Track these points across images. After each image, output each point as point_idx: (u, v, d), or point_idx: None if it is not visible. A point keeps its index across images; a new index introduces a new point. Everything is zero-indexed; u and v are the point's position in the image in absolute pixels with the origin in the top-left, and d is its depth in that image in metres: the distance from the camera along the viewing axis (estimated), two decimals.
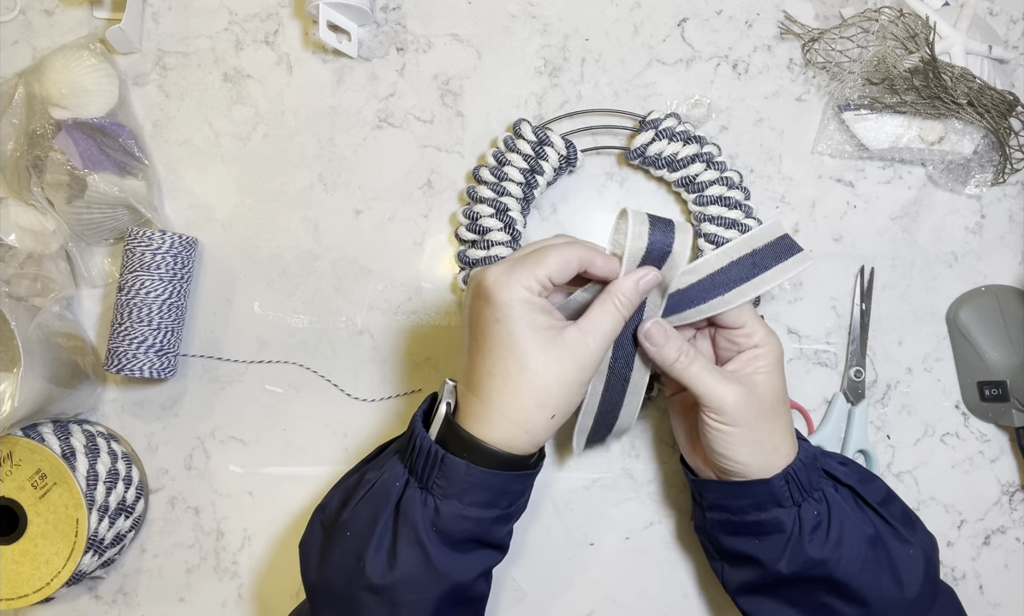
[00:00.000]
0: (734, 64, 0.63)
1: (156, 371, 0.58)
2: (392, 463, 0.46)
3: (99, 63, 0.60)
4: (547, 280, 0.44)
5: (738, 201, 0.59)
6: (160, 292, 0.58)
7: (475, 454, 0.44)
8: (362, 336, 0.63)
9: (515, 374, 0.43)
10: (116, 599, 0.62)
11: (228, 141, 0.64)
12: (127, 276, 0.58)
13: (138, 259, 0.58)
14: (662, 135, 0.59)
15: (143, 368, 0.58)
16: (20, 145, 0.59)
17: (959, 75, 0.57)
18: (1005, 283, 0.62)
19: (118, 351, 0.58)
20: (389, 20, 0.64)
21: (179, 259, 0.59)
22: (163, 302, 0.58)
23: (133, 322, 0.58)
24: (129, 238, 0.59)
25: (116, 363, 0.58)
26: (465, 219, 0.60)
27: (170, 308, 0.59)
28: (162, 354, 0.59)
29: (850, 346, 0.61)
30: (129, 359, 0.58)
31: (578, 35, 0.64)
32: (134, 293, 0.58)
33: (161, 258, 0.58)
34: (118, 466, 0.59)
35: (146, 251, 0.58)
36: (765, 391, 0.47)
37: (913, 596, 0.48)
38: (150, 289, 0.58)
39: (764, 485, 0.47)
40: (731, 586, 0.52)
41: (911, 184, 0.63)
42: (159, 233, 0.58)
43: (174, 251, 0.59)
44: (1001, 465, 0.61)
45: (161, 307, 0.58)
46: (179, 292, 0.59)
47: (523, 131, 0.60)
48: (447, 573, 0.44)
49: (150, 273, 0.58)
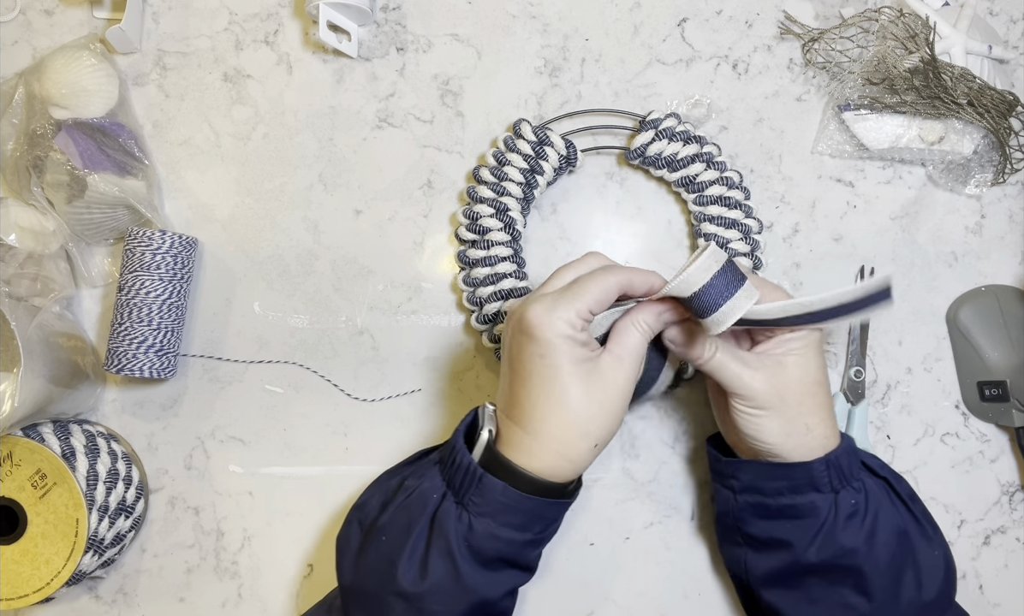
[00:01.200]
0: (734, 64, 0.63)
1: (156, 371, 0.58)
2: (432, 474, 0.47)
3: (99, 63, 0.60)
4: (588, 313, 0.45)
5: (738, 201, 0.59)
6: (160, 292, 0.58)
7: (515, 479, 0.45)
8: (362, 336, 0.63)
9: (559, 407, 0.44)
10: (116, 599, 0.62)
11: (228, 141, 0.64)
12: (127, 276, 0.58)
13: (138, 259, 0.58)
14: (662, 135, 0.59)
15: (143, 368, 0.58)
16: (20, 145, 0.59)
17: (959, 75, 0.57)
18: (1005, 283, 0.62)
19: (118, 351, 0.58)
20: (389, 20, 0.64)
21: (179, 259, 0.59)
22: (163, 302, 0.58)
23: (133, 322, 0.58)
24: (129, 238, 0.59)
25: (116, 363, 0.58)
26: (465, 219, 0.60)
27: (170, 308, 0.59)
28: (162, 354, 0.59)
29: (850, 346, 0.61)
30: (129, 359, 0.58)
31: (578, 35, 0.64)
32: (134, 293, 0.58)
33: (161, 258, 0.58)
34: (118, 466, 0.59)
35: (146, 251, 0.58)
36: (795, 373, 0.47)
37: (930, 599, 0.48)
38: (150, 289, 0.58)
39: (804, 469, 0.47)
40: (755, 574, 0.52)
41: (911, 184, 0.63)
42: (159, 233, 0.58)
43: (174, 251, 0.59)
44: (1001, 465, 0.61)
45: (161, 307, 0.58)
46: (179, 292, 0.59)
47: (523, 131, 0.60)
48: (475, 588, 0.45)
49: (150, 273, 0.58)
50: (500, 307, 0.58)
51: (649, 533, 0.61)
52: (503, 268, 0.59)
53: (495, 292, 0.58)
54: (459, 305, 0.62)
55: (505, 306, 0.58)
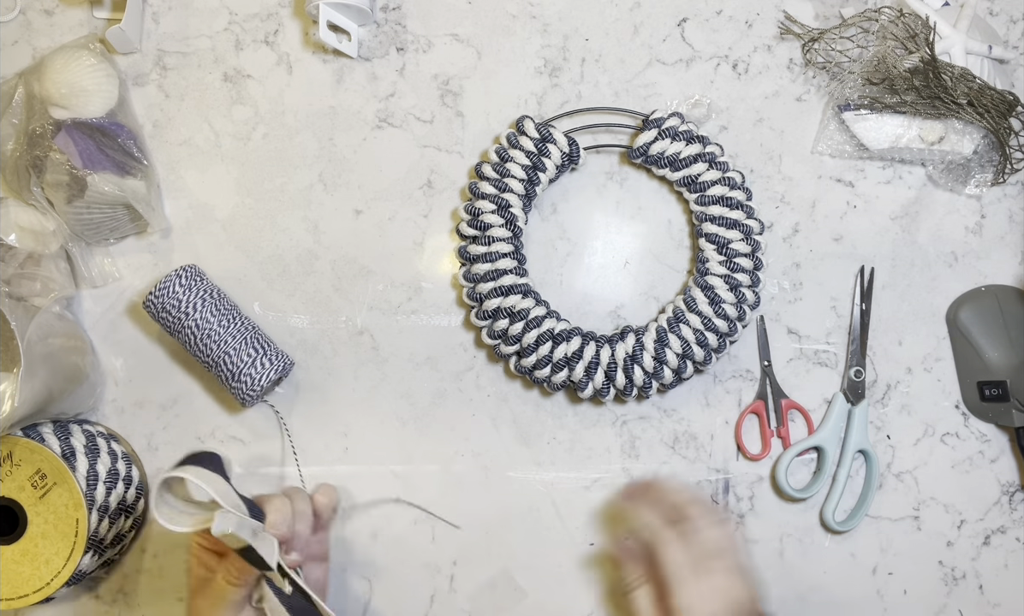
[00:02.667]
0: (734, 64, 0.63)
1: (278, 369, 0.59)
2: None
3: (99, 63, 0.60)
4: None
5: (740, 202, 0.59)
6: (212, 316, 0.58)
7: None
8: (362, 336, 0.63)
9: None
10: (116, 599, 0.62)
11: (228, 141, 0.64)
12: (181, 332, 0.58)
13: (173, 311, 0.58)
14: (665, 134, 0.59)
15: (265, 375, 0.58)
16: (20, 145, 0.59)
17: (959, 75, 0.57)
18: (1005, 283, 0.62)
19: (239, 384, 0.58)
20: (389, 20, 0.64)
21: (194, 283, 0.59)
22: (221, 319, 0.58)
23: (222, 353, 0.58)
24: (147, 305, 0.58)
25: (247, 393, 0.58)
26: (467, 215, 0.60)
27: (231, 318, 0.59)
28: (266, 353, 0.59)
29: (850, 346, 0.61)
30: (254, 381, 0.58)
31: (578, 35, 0.64)
32: (201, 334, 0.58)
33: (183, 294, 0.58)
34: (118, 466, 0.59)
35: (170, 300, 0.58)
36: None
37: None
38: (203, 324, 0.58)
39: None
40: None
41: (911, 184, 0.63)
42: (165, 281, 0.58)
43: (186, 282, 0.58)
44: (1001, 465, 0.61)
45: (223, 323, 0.58)
46: (221, 300, 0.59)
47: (526, 128, 0.60)
48: None
49: (189, 312, 0.58)
50: (500, 303, 0.58)
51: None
52: (503, 264, 0.59)
53: (495, 288, 0.58)
54: (459, 302, 0.62)
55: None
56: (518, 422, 0.62)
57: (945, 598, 0.61)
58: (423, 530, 0.61)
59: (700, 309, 0.58)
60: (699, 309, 0.58)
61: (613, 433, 0.62)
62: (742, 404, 0.62)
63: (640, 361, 0.58)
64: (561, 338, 0.58)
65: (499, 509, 0.61)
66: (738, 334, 0.59)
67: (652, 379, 0.58)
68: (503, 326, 0.58)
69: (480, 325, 0.60)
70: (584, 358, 0.58)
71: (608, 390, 0.58)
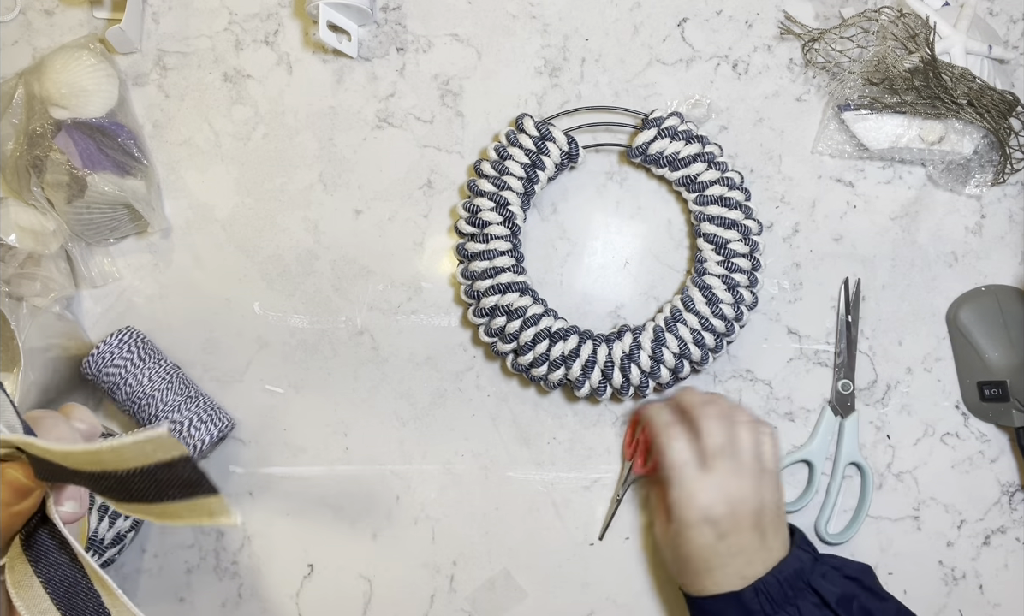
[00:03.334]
0: (734, 64, 0.63)
1: (217, 432, 0.59)
2: None
3: (99, 63, 0.60)
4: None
5: (738, 202, 0.59)
6: (147, 380, 0.58)
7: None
8: (362, 336, 0.63)
9: None
10: None
11: (228, 141, 0.64)
12: (121, 400, 0.58)
13: (108, 379, 0.58)
14: (664, 133, 0.59)
15: (204, 440, 0.58)
16: (20, 145, 0.59)
17: (959, 75, 0.57)
18: (1005, 283, 0.62)
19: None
20: (389, 20, 0.64)
21: (129, 348, 0.59)
22: (158, 382, 0.58)
23: (159, 419, 0.58)
24: (84, 372, 0.58)
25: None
26: (465, 212, 0.60)
27: (169, 382, 0.59)
28: (206, 417, 0.59)
29: (837, 358, 0.61)
30: (190, 443, 0.57)
31: (578, 35, 0.64)
32: (137, 400, 0.58)
33: (118, 361, 0.58)
34: None
35: (103, 370, 0.58)
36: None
37: None
38: (137, 388, 0.58)
39: (733, 598, 0.48)
40: None
41: (911, 184, 0.63)
42: (94, 352, 0.58)
43: (119, 347, 0.58)
44: (1001, 465, 0.61)
45: (161, 388, 0.58)
46: (161, 365, 0.59)
47: (526, 126, 0.60)
48: None
49: (124, 378, 0.58)
50: (497, 301, 0.58)
51: (649, 533, 0.61)
52: (501, 262, 0.59)
53: (493, 286, 0.58)
54: (457, 299, 0.62)
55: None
56: (518, 422, 0.62)
57: (945, 598, 0.61)
58: (423, 530, 0.61)
59: (697, 309, 0.58)
60: (696, 309, 0.58)
61: (613, 433, 0.62)
62: (742, 404, 0.62)
63: (637, 360, 0.58)
64: (558, 336, 0.58)
65: (499, 509, 0.61)
66: (735, 334, 0.59)
67: (649, 378, 0.58)
68: (500, 324, 0.58)
69: (477, 323, 0.60)
70: (581, 357, 0.58)
71: (605, 389, 0.58)
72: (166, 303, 0.63)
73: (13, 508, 0.33)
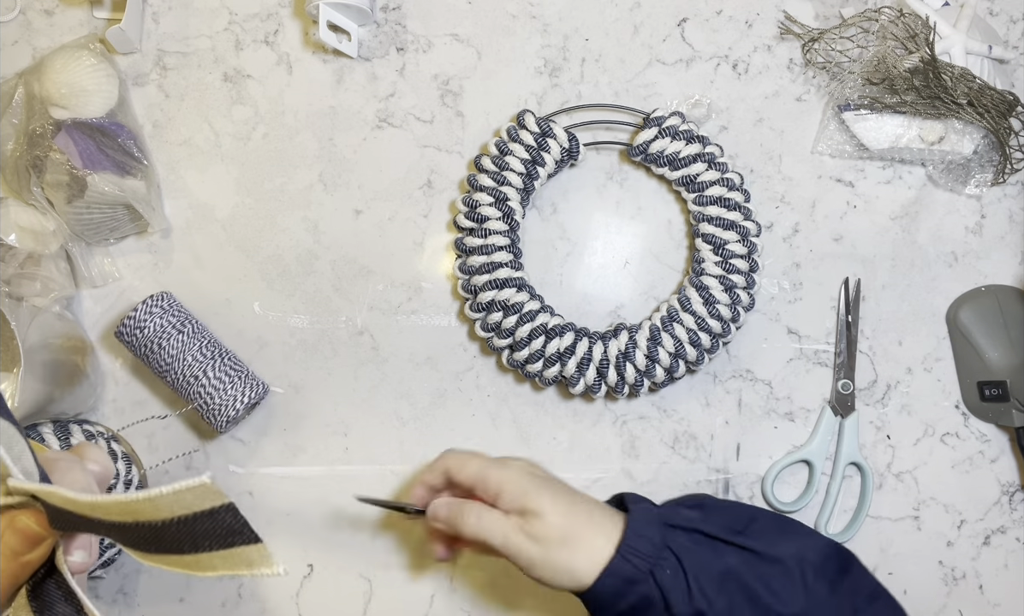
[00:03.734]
0: (734, 64, 0.63)
1: (254, 394, 0.59)
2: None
3: (99, 63, 0.60)
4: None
5: (737, 203, 0.59)
6: (185, 342, 0.58)
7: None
8: (362, 336, 0.63)
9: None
10: (116, 599, 0.62)
11: (228, 141, 0.64)
12: (156, 361, 0.58)
13: (146, 339, 0.58)
14: (665, 133, 0.59)
15: (241, 401, 0.58)
16: (20, 145, 0.59)
17: (959, 75, 0.57)
18: (1005, 283, 0.62)
19: (212, 410, 0.58)
20: (389, 20, 0.64)
21: (170, 312, 0.59)
22: (198, 347, 0.59)
23: (199, 379, 0.58)
24: (119, 334, 0.58)
25: (222, 419, 0.58)
26: (464, 207, 0.60)
27: (208, 346, 0.59)
28: (244, 379, 0.59)
29: (837, 358, 0.61)
30: (228, 407, 0.58)
31: (578, 35, 0.64)
32: (175, 359, 0.58)
33: (156, 322, 0.58)
34: (118, 466, 0.59)
35: (142, 329, 0.58)
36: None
37: (797, 610, 0.46)
38: (179, 349, 0.58)
39: (609, 575, 0.46)
40: None
41: (911, 184, 0.63)
42: (133, 313, 0.58)
43: (161, 308, 0.59)
44: (1001, 465, 0.61)
45: (200, 352, 0.59)
46: (197, 329, 0.60)
47: (527, 122, 0.60)
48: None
49: (165, 339, 0.58)
50: (494, 296, 0.58)
51: None
52: (499, 257, 0.59)
53: (490, 281, 0.58)
54: (456, 298, 0.62)
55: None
56: (518, 422, 0.62)
57: (945, 598, 0.61)
58: (423, 530, 0.61)
59: (694, 309, 0.58)
60: (693, 309, 0.58)
61: (613, 433, 0.62)
62: (742, 404, 0.62)
63: (632, 359, 0.58)
64: (554, 333, 0.58)
65: None
66: (731, 335, 0.59)
67: (644, 377, 0.58)
68: (497, 319, 0.58)
69: (474, 318, 0.60)
70: (576, 354, 0.58)
71: (600, 387, 0.58)
72: None
73: (23, 557, 0.32)
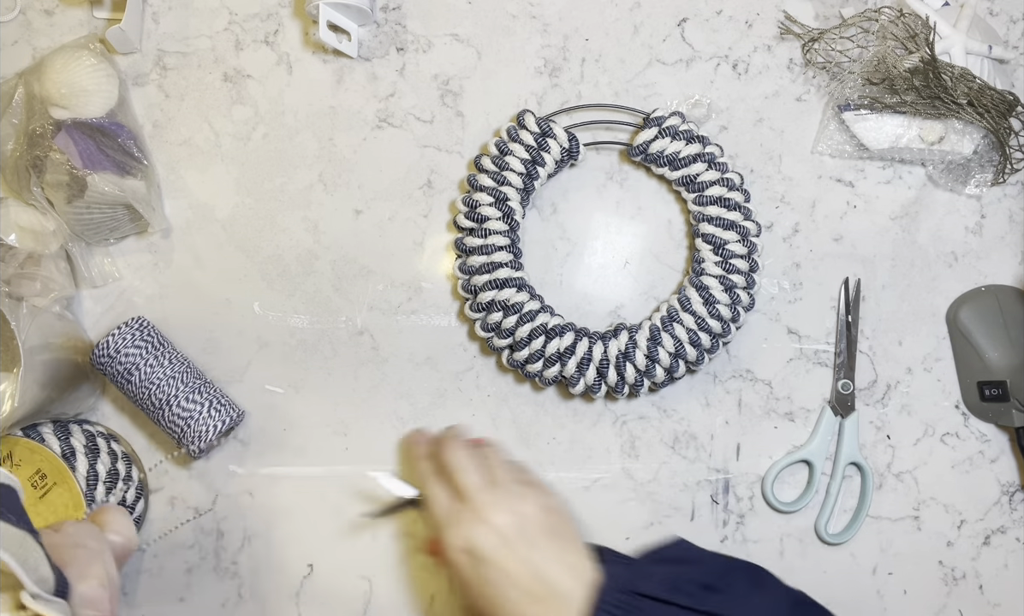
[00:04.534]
0: (734, 64, 0.63)
1: (227, 421, 0.59)
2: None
3: (99, 63, 0.60)
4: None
5: (737, 203, 0.59)
6: (161, 369, 0.58)
7: None
8: (362, 336, 0.63)
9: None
10: None
11: (228, 141, 0.64)
12: (129, 385, 0.58)
13: (120, 365, 0.58)
14: (665, 133, 0.59)
15: (214, 428, 0.58)
16: (20, 145, 0.59)
17: (959, 75, 0.57)
18: (1005, 283, 0.62)
19: (186, 436, 0.58)
20: (389, 20, 0.64)
21: (142, 336, 0.59)
22: (173, 373, 0.58)
23: (171, 406, 0.58)
24: (94, 360, 0.58)
25: (196, 444, 0.58)
26: (464, 207, 0.60)
27: (183, 373, 0.59)
28: (216, 405, 0.59)
29: (837, 358, 0.61)
30: (200, 433, 0.57)
31: (578, 35, 0.64)
32: (148, 387, 0.58)
33: (132, 349, 0.58)
34: (118, 466, 0.59)
35: (117, 357, 0.58)
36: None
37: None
38: (152, 376, 0.58)
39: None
40: None
41: (911, 184, 0.63)
42: (111, 336, 0.58)
43: (133, 334, 0.58)
44: (1001, 465, 0.61)
45: (174, 379, 0.58)
46: (172, 356, 0.59)
47: (527, 121, 0.60)
48: None
49: (137, 366, 0.58)
50: (494, 296, 0.58)
51: (649, 533, 0.61)
52: (499, 257, 0.59)
53: (490, 281, 0.58)
54: (456, 297, 0.62)
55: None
56: (518, 422, 0.62)
57: (945, 598, 0.61)
58: (423, 530, 0.61)
59: (694, 309, 0.58)
60: (693, 309, 0.58)
61: (613, 433, 0.62)
62: (742, 404, 0.62)
63: (632, 359, 0.58)
64: (554, 333, 0.58)
65: None
66: (731, 335, 0.59)
67: (644, 377, 0.58)
68: (496, 319, 0.58)
69: (474, 317, 0.60)
70: (576, 354, 0.58)
71: (599, 387, 0.58)
72: (166, 303, 0.63)
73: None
